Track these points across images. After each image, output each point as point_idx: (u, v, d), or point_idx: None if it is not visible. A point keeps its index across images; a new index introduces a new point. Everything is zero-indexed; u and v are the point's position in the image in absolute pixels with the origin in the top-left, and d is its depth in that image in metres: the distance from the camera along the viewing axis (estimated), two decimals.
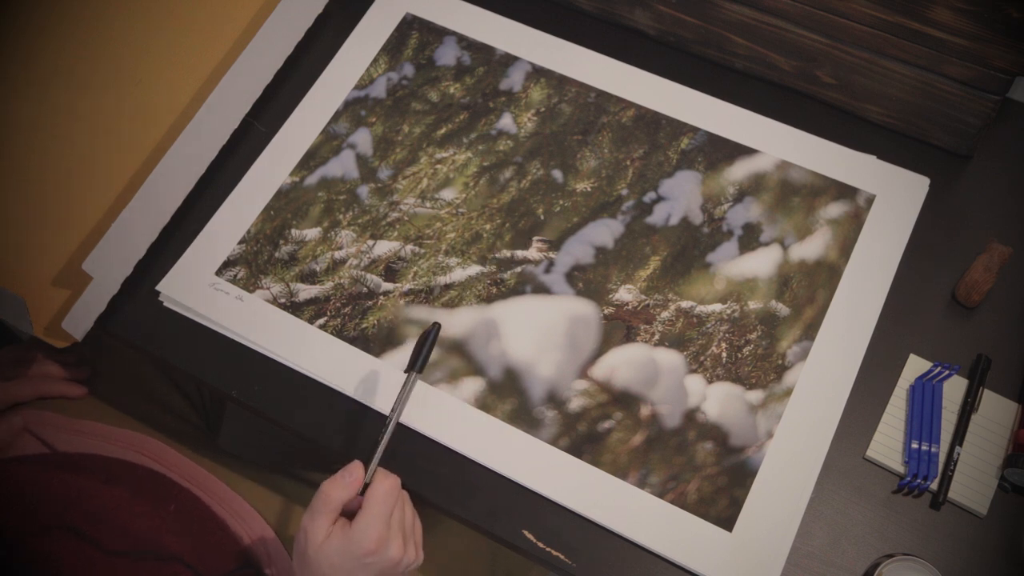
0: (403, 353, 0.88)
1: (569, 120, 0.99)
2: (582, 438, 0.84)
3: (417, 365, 0.79)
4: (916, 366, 0.86)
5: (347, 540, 0.73)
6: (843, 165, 0.94)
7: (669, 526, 0.81)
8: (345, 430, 0.86)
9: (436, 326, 0.80)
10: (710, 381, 0.86)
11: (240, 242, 0.94)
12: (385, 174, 0.97)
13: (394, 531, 0.74)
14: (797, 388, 0.85)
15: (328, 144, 0.99)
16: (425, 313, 0.90)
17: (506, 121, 0.99)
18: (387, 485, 0.75)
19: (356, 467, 0.76)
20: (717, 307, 0.89)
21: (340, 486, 0.74)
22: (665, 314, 0.89)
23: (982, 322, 0.88)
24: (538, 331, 0.89)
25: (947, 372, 0.84)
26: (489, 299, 0.90)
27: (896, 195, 0.93)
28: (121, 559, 0.80)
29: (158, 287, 0.92)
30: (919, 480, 0.81)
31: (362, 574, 0.74)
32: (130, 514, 0.85)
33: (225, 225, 0.95)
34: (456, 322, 0.90)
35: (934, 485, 0.81)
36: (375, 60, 1.03)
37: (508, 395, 0.86)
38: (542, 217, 0.94)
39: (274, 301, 0.92)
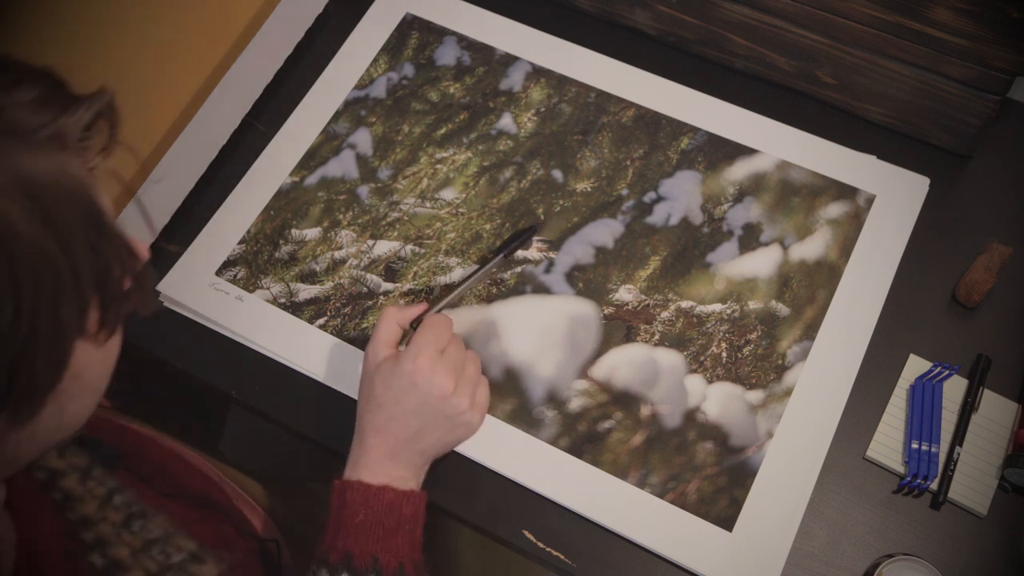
0: None
1: (569, 120, 0.99)
2: (582, 438, 0.84)
3: (507, 250, 0.90)
4: (916, 366, 0.86)
5: (398, 360, 0.78)
6: (843, 165, 0.94)
7: (669, 526, 0.81)
8: (345, 430, 0.86)
9: (533, 228, 0.92)
10: (710, 381, 0.86)
11: (240, 242, 0.94)
12: (385, 174, 0.97)
13: (446, 364, 0.78)
14: (797, 388, 0.85)
15: (328, 144, 0.99)
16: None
17: (506, 121, 0.99)
18: (438, 317, 0.81)
19: (421, 304, 0.85)
20: (717, 307, 0.89)
21: (400, 311, 0.82)
22: (665, 314, 0.89)
23: (982, 322, 0.88)
24: (538, 331, 0.89)
25: (947, 372, 0.84)
26: (489, 299, 0.90)
27: (896, 195, 0.93)
28: (176, 501, 0.80)
29: (158, 287, 0.92)
30: (919, 480, 0.81)
31: (412, 396, 0.77)
32: (182, 470, 0.85)
33: (225, 225, 0.95)
34: (456, 322, 0.89)
35: (934, 485, 0.81)
36: (375, 60, 1.03)
37: (508, 395, 0.86)
38: (542, 217, 0.94)
39: (274, 301, 0.92)
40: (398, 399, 0.77)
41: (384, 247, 0.94)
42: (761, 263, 0.91)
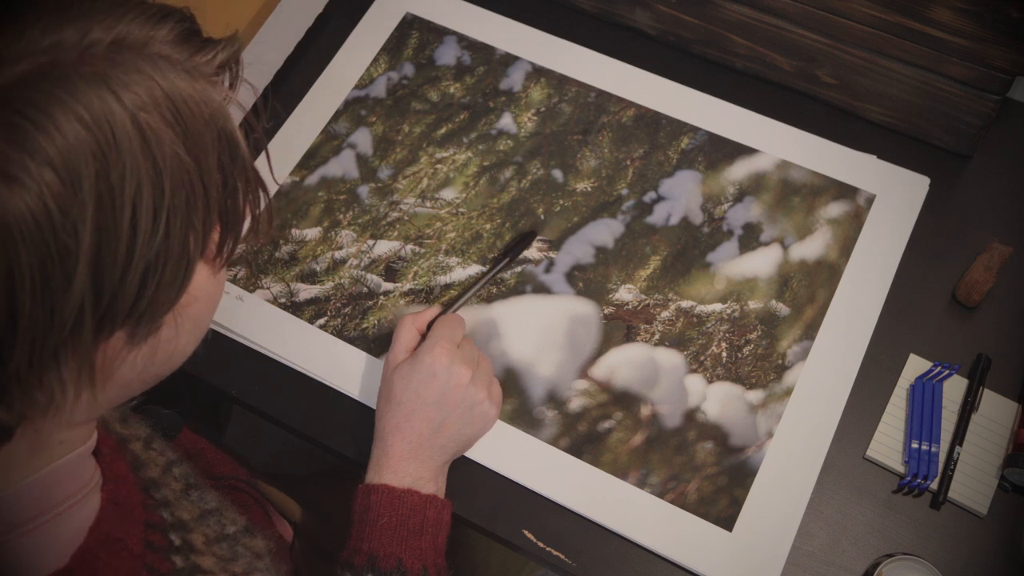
0: None
1: (569, 120, 0.99)
2: (582, 438, 0.84)
3: (511, 254, 0.91)
4: (916, 366, 0.86)
5: (415, 355, 0.80)
6: (843, 165, 0.94)
7: (669, 526, 0.81)
8: (345, 430, 0.86)
9: (533, 233, 0.92)
10: (710, 381, 0.86)
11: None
12: (385, 174, 0.97)
13: (462, 355, 0.80)
14: (797, 388, 0.85)
15: (328, 144, 0.99)
16: None
17: (506, 121, 0.99)
18: (451, 316, 0.84)
19: (434, 308, 0.87)
20: (717, 307, 0.89)
21: (416, 317, 0.84)
22: (665, 314, 0.89)
23: (982, 322, 0.88)
24: (538, 331, 0.89)
25: (947, 372, 0.84)
26: (489, 299, 0.90)
27: (896, 195, 0.93)
28: (217, 483, 0.81)
29: None
30: (919, 480, 0.81)
31: (431, 387, 0.78)
32: (214, 459, 0.88)
33: None
34: None
35: (934, 485, 0.81)
36: (375, 60, 1.03)
37: (508, 395, 0.86)
38: (542, 217, 0.94)
39: (274, 301, 0.92)
40: (418, 392, 0.78)
41: (384, 247, 0.94)
42: (761, 263, 0.91)
